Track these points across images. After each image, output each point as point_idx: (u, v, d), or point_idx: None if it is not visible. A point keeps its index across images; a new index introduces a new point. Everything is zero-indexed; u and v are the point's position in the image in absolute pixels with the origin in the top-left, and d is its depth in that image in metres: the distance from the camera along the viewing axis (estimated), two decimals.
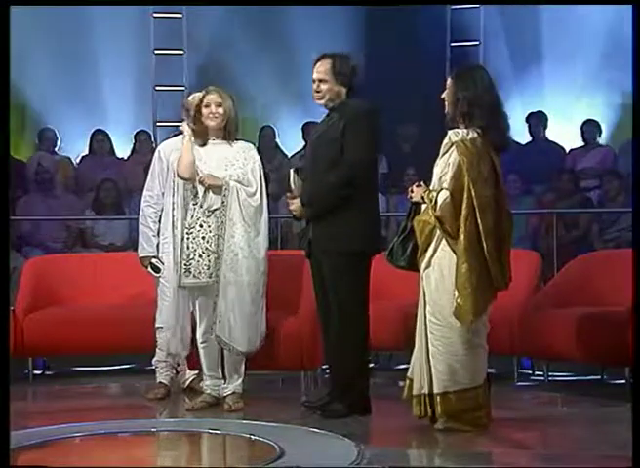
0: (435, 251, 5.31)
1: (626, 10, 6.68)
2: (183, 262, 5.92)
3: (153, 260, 6.41)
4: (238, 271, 5.88)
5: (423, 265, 5.35)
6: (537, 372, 7.07)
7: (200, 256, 5.90)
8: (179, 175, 6.04)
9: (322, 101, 5.80)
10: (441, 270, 5.28)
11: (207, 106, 6.02)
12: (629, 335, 5.70)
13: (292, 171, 5.90)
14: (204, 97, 6.03)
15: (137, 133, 10.78)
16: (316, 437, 5.28)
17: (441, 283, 5.28)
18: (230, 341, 5.89)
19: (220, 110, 6.00)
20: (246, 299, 5.91)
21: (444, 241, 5.27)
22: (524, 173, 9.64)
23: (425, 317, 5.35)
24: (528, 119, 10.28)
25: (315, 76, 5.78)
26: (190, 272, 5.92)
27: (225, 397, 6.00)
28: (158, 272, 6.40)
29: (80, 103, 10.96)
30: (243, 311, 5.90)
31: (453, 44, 10.93)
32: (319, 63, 5.78)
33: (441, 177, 5.31)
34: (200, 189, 5.91)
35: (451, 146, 5.29)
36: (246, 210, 5.91)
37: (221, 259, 5.86)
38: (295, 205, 5.81)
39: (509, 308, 6.70)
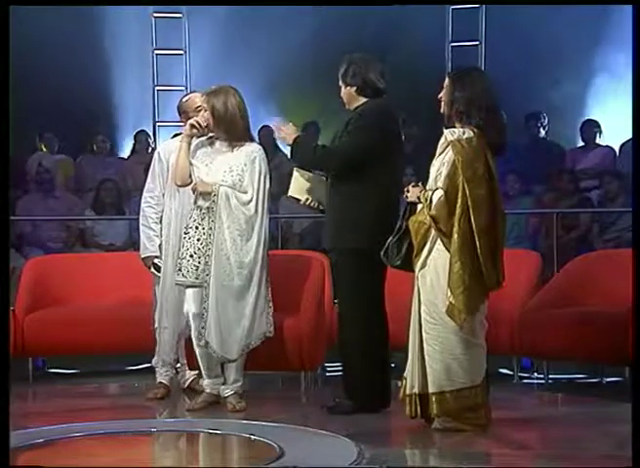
0: (430, 251, 5.31)
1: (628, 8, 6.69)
2: (177, 261, 5.97)
3: (155, 260, 6.42)
4: (227, 276, 5.87)
5: (419, 265, 5.36)
6: (537, 373, 7.07)
7: (191, 257, 5.90)
8: (175, 182, 6.07)
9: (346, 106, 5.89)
10: (436, 270, 5.29)
11: (199, 110, 6.07)
12: (629, 335, 5.71)
13: (294, 171, 5.94)
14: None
15: (137, 133, 10.79)
16: (316, 437, 5.28)
17: (436, 282, 5.28)
18: (215, 345, 5.89)
19: (206, 114, 5.97)
20: (232, 304, 5.89)
21: (439, 241, 5.27)
22: (524, 173, 9.64)
23: (420, 316, 5.36)
24: (528, 119, 10.29)
25: None
26: (181, 271, 5.94)
27: (227, 397, 6.00)
28: (160, 271, 6.41)
29: (80, 103, 10.96)
30: (228, 316, 5.89)
31: (453, 44, 10.94)
32: None
33: (436, 177, 5.32)
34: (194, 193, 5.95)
35: (447, 146, 5.29)
36: (237, 216, 5.87)
37: (210, 263, 5.87)
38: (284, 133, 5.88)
39: (509, 308, 6.71)
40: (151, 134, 10.96)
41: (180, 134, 6.31)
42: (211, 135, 6.02)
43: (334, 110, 5.96)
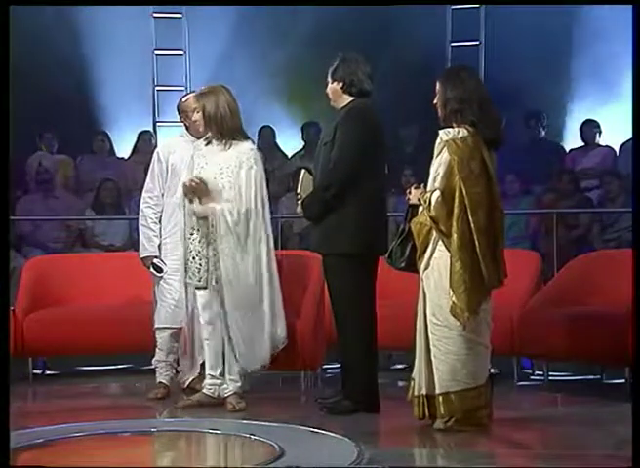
0: (433, 252, 5.32)
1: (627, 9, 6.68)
2: (185, 261, 5.98)
3: (155, 260, 6.42)
4: (227, 278, 5.86)
5: (423, 266, 5.36)
6: (537, 372, 7.08)
7: (194, 258, 5.93)
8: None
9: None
10: (439, 270, 5.29)
11: (192, 112, 6.14)
12: (629, 335, 5.71)
13: (302, 171, 5.92)
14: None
15: (140, 133, 10.78)
16: (316, 437, 5.28)
17: (440, 283, 5.29)
18: (241, 361, 5.92)
19: (197, 116, 5.99)
20: (242, 307, 5.89)
21: (441, 242, 5.28)
22: (524, 173, 9.64)
23: (426, 317, 5.36)
24: (528, 119, 10.29)
25: None
26: (187, 272, 5.97)
27: (227, 397, 6.00)
28: (160, 272, 6.41)
29: (80, 103, 10.96)
30: (243, 321, 5.90)
31: (453, 44, 10.93)
32: None
33: (435, 178, 5.33)
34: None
35: (443, 146, 5.30)
36: (233, 227, 5.86)
37: (210, 264, 5.88)
38: (298, 206, 5.85)
39: (509, 308, 6.71)
40: (153, 134, 10.95)
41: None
42: (207, 135, 6.04)
43: (334, 110, 5.94)
